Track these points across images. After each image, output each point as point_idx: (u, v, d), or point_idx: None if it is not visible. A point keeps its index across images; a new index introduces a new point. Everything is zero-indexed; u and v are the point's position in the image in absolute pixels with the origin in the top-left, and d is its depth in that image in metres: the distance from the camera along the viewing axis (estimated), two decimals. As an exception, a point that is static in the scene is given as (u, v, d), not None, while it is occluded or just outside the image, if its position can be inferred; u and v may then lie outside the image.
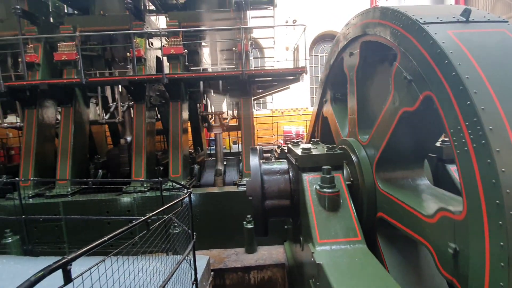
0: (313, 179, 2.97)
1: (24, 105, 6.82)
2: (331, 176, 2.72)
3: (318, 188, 2.74)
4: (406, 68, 2.27)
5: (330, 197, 2.68)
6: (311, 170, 3.03)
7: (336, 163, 3.03)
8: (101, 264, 1.81)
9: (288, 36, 14.53)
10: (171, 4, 8.98)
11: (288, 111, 16.06)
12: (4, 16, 7.11)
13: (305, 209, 2.76)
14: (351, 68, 3.58)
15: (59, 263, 1.42)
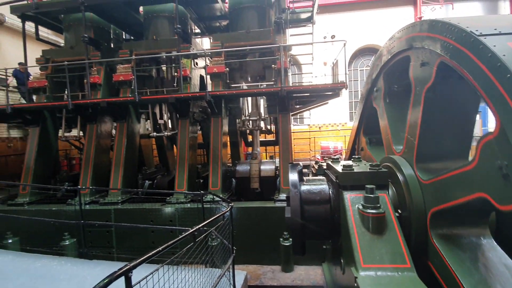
0: (355, 198, 2.85)
1: (87, 121, 7.70)
2: (375, 196, 2.59)
3: (361, 208, 2.62)
4: None
5: (375, 219, 2.53)
6: (353, 188, 2.92)
7: (380, 182, 2.89)
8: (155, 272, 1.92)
9: (327, 51, 14.48)
10: (215, 27, 9.60)
11: (326, 126, 15.72)
12: (74, 43, 8.24)
13: (346, 229, 2.65)
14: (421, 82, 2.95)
15: (122, 270, 1.55)
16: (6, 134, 10.76)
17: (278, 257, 5.60)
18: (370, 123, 4.77)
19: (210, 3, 7.99)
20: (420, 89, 2.85)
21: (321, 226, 3.22)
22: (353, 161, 3.50)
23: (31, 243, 5.88)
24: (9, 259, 4.44)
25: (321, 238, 3.48)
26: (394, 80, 3.92)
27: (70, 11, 7.92)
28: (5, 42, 10.99)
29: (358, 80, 15.85)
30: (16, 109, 7.35)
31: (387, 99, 3.96)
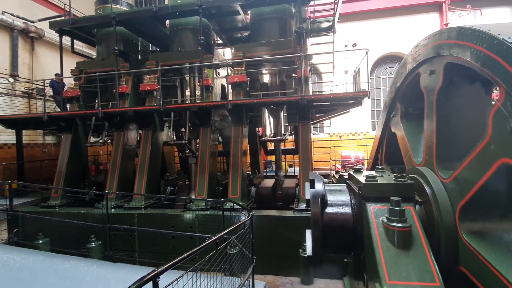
0: (379, 210, 2.76)
1: (114, 128, 8.09)
2: (401, 209, 2.49)
3: (386, 221, 2.53)
4: None
5: (401, 233, 2.43)
6: (376, 200, 2.83)
7: (406, 194, 2.78)
8: (180, 278, 1.96)
9: (347, 59, 14.32)
10: (236, 38, 9.85)
11: (347, 135, 15.41)
12: (105, 55, 8.77)
13: (370, 243, 2.56)
14: (430, 90, 3.20)
15: (150, 276, 1.60)
16: (42, 140, 11.55)
17: (297, 269, 5.49)
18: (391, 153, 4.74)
19: (233, 15, 8.23)
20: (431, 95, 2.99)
21: (343, 239, 3.14)
22: (377, 171, 3.40)
23: (60, 244, 6.19)
24: (40, 259, 4.68)
25: (343, 252, 3.38)
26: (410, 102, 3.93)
27: (103, 25, 8.47)
28: (44, 55, 11.91)
29: (380, 88, 15.48)
30: (51, 117, 7.89)
31: (404, 119, 3.98)
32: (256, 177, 9.48)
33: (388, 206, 2.58)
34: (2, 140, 9.94)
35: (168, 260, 5.87)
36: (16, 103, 10.62)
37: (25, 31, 10.81)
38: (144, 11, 7.85)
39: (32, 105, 11.17)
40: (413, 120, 4.01)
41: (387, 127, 5.15)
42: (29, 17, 11.15)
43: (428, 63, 3.31)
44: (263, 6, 7.67)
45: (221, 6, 7.51)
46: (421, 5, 14.25)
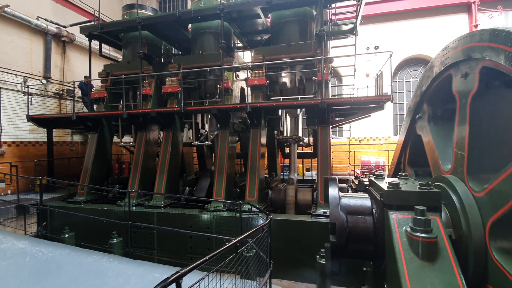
0: (402, 219, 2.66)
1: (137, 129, 8.37)
2: (427, 219, 2.39)
3: (410, 231, 2.43)
4: None
5: (425, 243, 2.32)
6: (399, 208, 2.73)
7: (431, 203, 2.66)
8: (201, 281, 1.99)
9: (369, 62, 13.99)
10: (257, 41, 9.91)
11: (367, 140, 14.99)
12: (131, 59, 9.12)
13: (392, 253, 2.47)
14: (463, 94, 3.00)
15: (174, 277, 1.63)
16: (70, 139, 12.17)
17: (314, 275, 5.39)
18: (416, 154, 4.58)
19: (253, 19, 8.30)
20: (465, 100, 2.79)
21: (363, 247, 3.05)
22: (399, 178, 3.29)
23: (84, 239, 6.47)
24: (66, 253, 4.90)
25: (362, 258, 3.28)
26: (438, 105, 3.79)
27: (129, 30, 8.83)
28: (74, 58, 12.57)
29: (403, 92, 14.96)
30: (80, 117, 8.30)
31: (431, 122, 3.80)
32: (273, 180, 9.45)
33: (412, 215, 2.48)
34: (34, 138, 10.58)
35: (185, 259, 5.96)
36: (48, 103, 11.28)
37: (57, 35, 11.47)
38: (168, 15, 8.09)
39: (62, 105, 11.82)
40: (441, 124, 3.81)
41: (411, 132, 4.97)
42: (62, 22, 11.83)
43: (462, 65, 3.12)
44: (284, 9, 7.67)
45: (242, 10, 7.60)
46: (449, 6, 13.66)
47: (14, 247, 5.03)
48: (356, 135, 14.65)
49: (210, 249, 6.13)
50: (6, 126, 9.58)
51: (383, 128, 14.53)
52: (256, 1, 7.40)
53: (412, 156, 4.69)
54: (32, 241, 5.44)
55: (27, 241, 5.38)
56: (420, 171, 4.41)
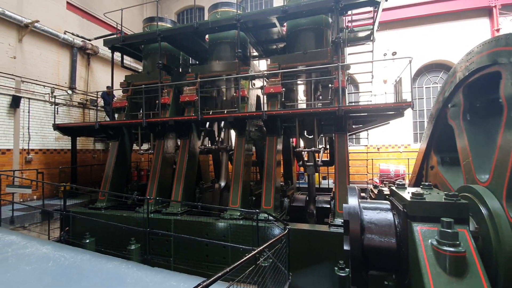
0: (427, 231, 2.53)
1: (156, 137, 8.59)
2: (454, 232, 2.26)
3: (436, 244, 2.31)
4: None
5: (453, 258, 2.20)
6: (424, 220, 2.61)
7: (459, 215, 2.52)
8: None
9: (386, 69, 13.73)
10: (272, 49, 10.00)
11: (386, 147, 14.58)
12: (150, 69, 9.44)
13: (417, 268, 2.35)
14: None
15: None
16: (92, 147, 12.66)
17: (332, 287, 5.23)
18: (444, 140, 4.30)
19: (269, 28, 8.39)
20: None
21: (385, 260, 2.92)
22: (423, 188, 3.15)
23: (104, 245, 6.62)
24: (87, 258, 5.03)
25: (384, 271, 3.15)
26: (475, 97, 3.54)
27: (149, 41, 9.17)
28: (97, 69, 13.18)
29: (423, 99, 14.53)
30: (102, 125, 8.63)
31: (467, 116, 3.53)
32: (289, 188, 9.35)
33: (438, 228, 2.36)
34: (60, 146, 11.09)
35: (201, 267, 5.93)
36: (73, 112, 11.83)
37: (83, 48, 12.10)
38: (186, 27, 8.34)
39: (86, 114, 12.36)
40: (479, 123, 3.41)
41: (433, 140, 4.80)
42: (87, 36, 12.48)
43: None
44: (300, 17, 7.72)
45: (258, 19, 7.72)
46: (469, 10, 13.25)
47: (38, 252, 5.22)
48: (374, 142, 14.30)
49: (226, 258, 6.10)
50: (34, 135, 10.11)
51: (402, 135, 14.11)
52: (272, 11, 7.50)
53: (439, 141, 4.40)
54: (55, 246, 5.63)
55: (50, 246, 5.57)
56: (447, 157, 4.15)
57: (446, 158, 4.17)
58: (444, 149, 4.31)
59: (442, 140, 4.36)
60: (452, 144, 3.68)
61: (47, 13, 10.83)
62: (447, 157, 4.17)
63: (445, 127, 4.06)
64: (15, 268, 4.51)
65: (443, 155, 4.29)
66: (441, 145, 4.39)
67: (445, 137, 4.16)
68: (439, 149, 4.42)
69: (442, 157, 4.27)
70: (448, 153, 4.18)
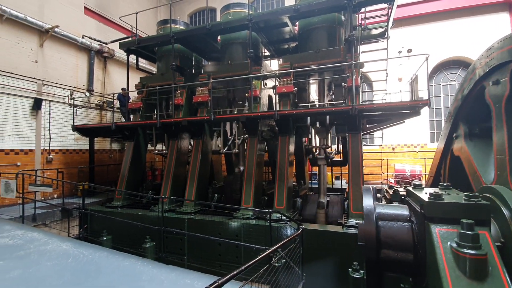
0: (446, 233, 2.46)
1: (170, 137, 8.74)
2: (475, 234, 2.19)
3: (455, 247, 2.24)
4: None
5: (474, 261, 2.13)
6: (442, 221, 2.54)
7: (480, 216, 2.43)
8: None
9: (401, 66, 13.41)
10: (284, 49, 9.96)
11: (401, 147, 14.23)
12: (164, 71, 9.61)
13: (436, 271, 2.29)
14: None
15: (213, 286, 1.65)
16: (109, 147, 13.02)
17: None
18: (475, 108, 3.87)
19: (281, 27, 8.37)
20: None
21: (401, 263, 2.86)
22: (441, 188, 3.07)
23: (120, 242, 6.80)
24: (104, 255, 5.17)
25: (400, 273, 3.08)
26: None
27: (163, 44, 9.34)
28: (113, 72, 13.54)
29: (440, 97, 14.08)
30: (118, 126, 8.86)
31: None
32: (301, 188, 9.29)
33: (458, 230, 2.29)
34: (78, 146, 11.48)
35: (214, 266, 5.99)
36: (91, 114, 12.21)
37: (100, 51, 12.47)
38: (199, 28, 8.44)
39: (103, 116, 12.73)
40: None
41: (451, 140, 4.66)
42: (103, 39, 12.86)
43: None
44: (312, 16, 7.66)
45: (269, 19, 7.70)
46: (487, 5, 12.73)
47: (58, 249, 5.42)
48: (389, 142, 13.99)
49: (239, 257, 6.13)
50: (54, 136, 10.51)
51: (419, 134, 13.74)
52: (283, 10, 7.48)
53: (468, 111, 4.05)
54: (74, 243, 5.82)
55: (70, 243, 5.77)
56: (476, 128, 3.82)
57: (475, 129, 3.88)
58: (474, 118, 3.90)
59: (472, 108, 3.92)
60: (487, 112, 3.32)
61: (66, 18, 11.23)
62: (476, 128, 3.87)
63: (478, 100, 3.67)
64: (37, 263, 4.70)
65: (472, 125, 3.93)
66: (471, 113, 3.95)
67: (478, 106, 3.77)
68: (468, 117, 4.03)
69: (470, 127, 3.94)
70: (477, 123, 3.83)
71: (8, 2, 9.14)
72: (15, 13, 9.19)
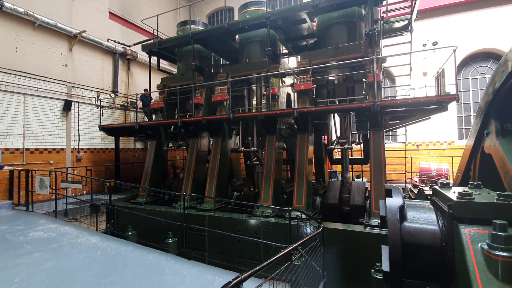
0: (476, 234, 2.35)
1: (190, 136, 8.94)
2: (508, 235, 2.07)
3: (487, 249, 2.14)
4: None
5: (507, 264, 2.02)
6: (472, 222, 2.42)
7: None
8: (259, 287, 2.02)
9: (426, 60, 12.82)
10: (302, 46, 9.86)
11: (426, 145, 13.62)
12: (184, 71, 9.83)
13: (465, 273, 2.19)
14: None
15: (235, 281, 1.70)
16: (133, 146, 13.54)
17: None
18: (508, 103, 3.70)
19: (299, 24, 8.28)
20: None
21: (427, 266, 2.76)
22: (471, 187, 2.92)
23: (144, 237, 7.07)
24: (130, 249, 5.42)
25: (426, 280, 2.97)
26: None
27: (183, 44, 9.55)
28: (136, 73, 14.03)
29: (469, 91, 13.32)
30: (141, 126, 9.19)
31: None
32: (321, 187, 9.17)
33: (490, 231, 2.18)
34: (105, 145, 12.03)
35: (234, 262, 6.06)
36: (116, 114, 12.75)
37: (123, 54, 12.97)
38: (217, 28, 8.54)
39: (127, 116, 13.25)
40: None
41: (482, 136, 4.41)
42: (127, 42, 13.35)
43: None
44: (331, 11, 7.51)
45: (288, 16, 7.64)
46: (519, -7, 11.86)
47: (88, 242, 5.74)
48: (413, 139, 13.45)
49: (258, 255, 6.17)
50: (83, 135, 11.08)
51: (445, 131, 13.09)
52: (302, 6, 7.39)
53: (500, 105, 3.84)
54: (102, 237, 6.14)
55: (98, 237, 6.09)
56: (509, 125, 3.60)
57: (508, 125, 3.68)
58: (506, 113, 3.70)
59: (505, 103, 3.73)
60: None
61: (93, 23, 11.77)
62: (509, 124, 3.68)
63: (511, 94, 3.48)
64: (69, 256, 5.01)
65: (504, 121, 3.73)
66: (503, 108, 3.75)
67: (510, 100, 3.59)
68: (501, 112, 3.84)
69: (503, 123, 3.74)
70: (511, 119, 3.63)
71: (39, 10, 9.72)
72: (47, 20, 9.76)
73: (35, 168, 8.85)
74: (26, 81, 9.33)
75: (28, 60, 9.43)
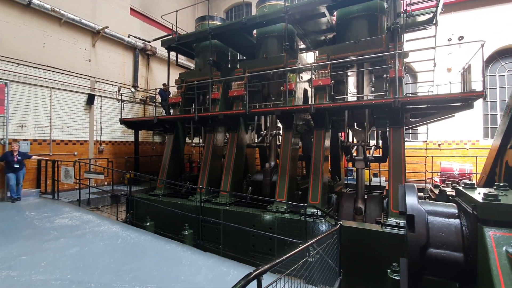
0: (501, 237, 2.27)
1: (207, 131, 9.06)
2: (537, 239, 1.99)
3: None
4: None
5: (535, 269, 1.95)
6: (498, 224, 2.33)
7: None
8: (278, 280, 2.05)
9: (451, 55, 12.25)
10: (320, 41, 9.66)
11: (448, 144, 13.09)
12: (202, 66, 9.93)
13: (488, 277, 2.13)
14: None
15: (255, 274, 1.74)
16: (151, 139, 13.91)
17: (384, 290, 4.97)
18: None
19: (317, 18, 8.12)
20: None
21: (449, 267, 2.69)
22: (497, 189, 2.81)
23: (162, 228, 7.28)
24: (148, 239, 5.61)
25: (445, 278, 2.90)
26: None
27: (201, 40, 9.64)
28: (155, 68, 14.33)
29: (496, 88, 12.64)
30: (160, 120, 9.41)
31: None
32: (336, 184, 9.07)
33: (516, 234, 2.10)
34: (125, 138, 12.43)
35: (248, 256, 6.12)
36: (135, 108, 13.12)
37: (143, 49, 13.26)
38: (235, 23, 8.55)
39: (146, 110, 13.60)
40: None
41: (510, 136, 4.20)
42: (147, 38, 13.64)
43: None
44: (351, 5, 7.32)
45: (306, 10, 7.52)
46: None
47: (109, 230, 5.99)
48: (434, 138, 12.97)
49: (272, 250, 6.22)
50: (105, 128, 11.50)
51: (470, 130, 12.53)
52: (321, 0, 7.24)
53: None
54: (122, 226, 6.39)
55: (119, 226, 6.34)
56: None
57: None
58: None
59: None
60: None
61: (115, 19, 12.09)
62: None
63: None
64: (91, 242, 5.26)
65: None
66: None
67: None
68: None
69: None
70: None
71: (65, 6, 10.09)
72: (72, 16, 10.13)
73: (60, 159, 9.30)
74: (53, 75, 9.76)
75: (54, 55, 9.84)
